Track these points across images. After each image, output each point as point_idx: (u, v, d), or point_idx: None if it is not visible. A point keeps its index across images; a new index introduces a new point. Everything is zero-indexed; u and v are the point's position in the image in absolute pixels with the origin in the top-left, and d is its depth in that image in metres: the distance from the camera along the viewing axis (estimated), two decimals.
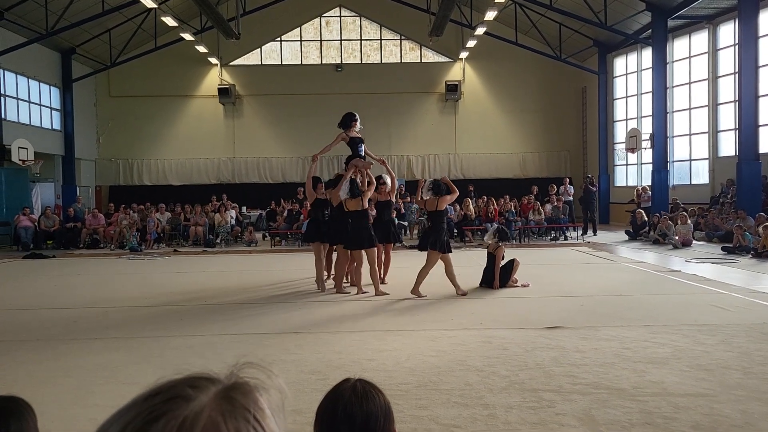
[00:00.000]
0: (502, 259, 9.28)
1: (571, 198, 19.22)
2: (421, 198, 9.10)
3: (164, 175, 25.59)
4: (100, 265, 13.69)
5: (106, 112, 25.50)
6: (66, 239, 17.80)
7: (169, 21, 19.26)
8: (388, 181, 9.94)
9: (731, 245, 13.60)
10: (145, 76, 24.85)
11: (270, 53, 25.91)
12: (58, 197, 22.21)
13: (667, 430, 3.82)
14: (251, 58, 25.76)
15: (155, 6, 18.10)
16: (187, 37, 21.51)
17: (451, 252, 8.70)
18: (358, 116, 9.92)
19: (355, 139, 9.67)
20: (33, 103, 21.26)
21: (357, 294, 9.01)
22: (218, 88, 25.00)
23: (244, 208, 21.66)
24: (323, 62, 25.86)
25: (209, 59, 24.65)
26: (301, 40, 25.94)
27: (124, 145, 25.33)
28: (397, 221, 17.48)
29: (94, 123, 25.41)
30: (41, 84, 21.65)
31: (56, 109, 22.66)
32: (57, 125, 22.63)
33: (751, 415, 4.03)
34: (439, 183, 9.05)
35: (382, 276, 9.67)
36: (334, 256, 9.78)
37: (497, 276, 9.16)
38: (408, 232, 18.62)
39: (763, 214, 14.29)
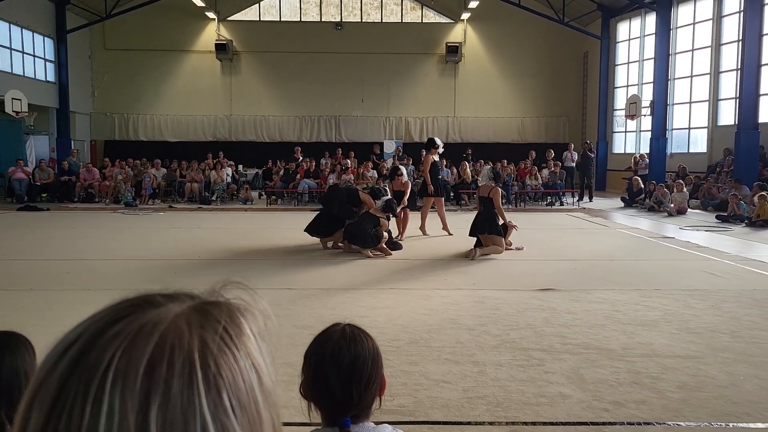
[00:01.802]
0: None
1: (573, 164, 19.17)
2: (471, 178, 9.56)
3: (160, 131, 25.36)
4: (95, 219, 13.66)
5: (101, 65, 25.12)
6: (60, 192, 17.73)
7: None
8: (405, 172, 10.91)
9: (726, 214, 13.64)
10: (141, 29, 24.41)
11: (268, 9, 25.44)
12: (53, 150, 22.04)
13: (654, 389, 3.87)
14: (249, 14, 25.30)
15: None
16: None
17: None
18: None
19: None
20: (26, 53, 20.91)
21: None
22: (215, 44, 24.60)
23: (240, 167, 21.56)
24: (323, 20, 25.43)
25: (206, 13, 24.22)
26: None
27: (120, 100, 25.04)
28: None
29: (88, 76, 25.06)
30: (35, 34, 21.26)
31: (50, 61, 22.31)
32: (51, 77, 22.32)
33: (737, 377, 4.09)
34: (499, 173, 9.34)
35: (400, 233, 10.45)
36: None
37: (503, 216, 8.94)
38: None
39: (759, 183, 14.30)
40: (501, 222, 8.95)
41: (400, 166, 11.07)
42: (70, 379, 0.47)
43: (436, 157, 11.05)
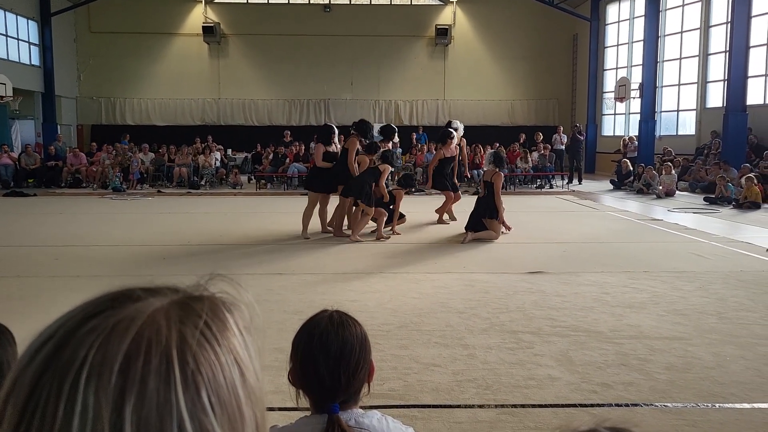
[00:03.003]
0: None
1: (563, 147, 19.19)
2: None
3: (147, 115, 25.12)
4: (82, 204, 13.56)
5: (86, 48, 24.77)
6: (47, 178, 17.56)
7: None
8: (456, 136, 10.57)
9: (714, 196, 13.73)
10: (127, 12, 24.07)
11: None
12: (39, 135, 21.80)
13: (642, 370, 3.91)
14: None
15: None
16: None
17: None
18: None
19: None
20: (10, 36, 20.59)
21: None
22: (203, 26, 24.30)
23: (229, 151, 21.43)
24: (311, 2, 25.17)
25: None
26: None
27: (106, 83, 24.73)
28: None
29: (74, 59, 24.71)
30: (18, 17, 20.92)
31: (34, 44, 21.98)
32: (36, 61, 22.00)
33: (723, 358, 4.14)
34: (501, 156, 9.31)
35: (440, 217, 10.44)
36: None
37: (500, 206, 8.85)
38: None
39: (747, 165, 14.39)
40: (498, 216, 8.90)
41: (451, 129, 10.41)
42: (44, 376, 0.46)
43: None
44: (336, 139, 9.38)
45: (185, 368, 0.47)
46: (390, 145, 10.21)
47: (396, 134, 10.58)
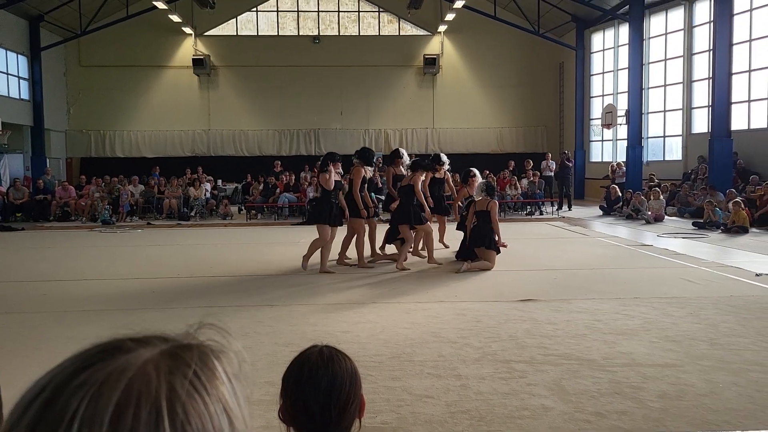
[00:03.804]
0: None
1: (552, 173, 19.33)
2: (467, 194, 9.65)
3: (137, 147, 25.15)
4: (71, 238, 13.48)
5: (76, 81, 24.88)
6: (35, 211, 17.46)
7: None
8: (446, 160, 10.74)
9: (702, 221, 13.83)
10: (117, 46, 24.24)
11: (246, 24, 25.44)
12: (27, 169, 21.74)
13: (635, 399, 3.89)
14: (226, 29, 25.27)
15: None
16: (160, 5, 20.97)
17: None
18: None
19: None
20: None
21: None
22: (193, 59, 24.50)
23: (219, 181, 21.44)
24: (300, 33, 25.48)
25: (183, 29, 24.12)
26: (277, 11, 25.50)
27: (96, 116, 24.79)
28: (374, 194, 17.50)
29: (64, 93, 24.79)
30: (8, 52, 21.01)
31: (24, 78, 22.04)
32: (25, 95, 22.04)
33: (716, 385, 4.13)
34: (492, 186, 9.36)
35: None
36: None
37: (498, 231, 8.84)
38: (382, 205, 18.62)
39: (733, 190, 14.53)
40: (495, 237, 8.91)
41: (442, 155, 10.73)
42: (36, 429, 0.46)
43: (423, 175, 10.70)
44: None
45: (175, 419, 0.47)
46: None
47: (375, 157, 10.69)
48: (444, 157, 10.93)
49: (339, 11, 25.61)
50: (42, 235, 14.27)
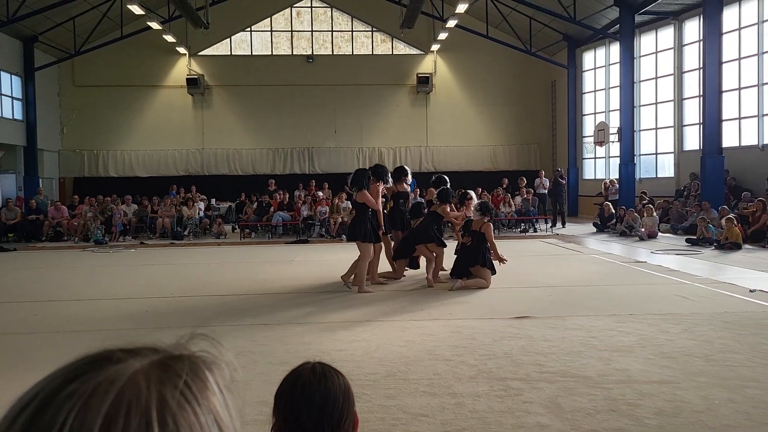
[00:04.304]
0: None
1: (546, 191, 19.40)
2: (465, 216, 9.56)
3: (131, 166, 25.14)
4: (63, 258, 13.40)
5: (70, 102, 24.91)
6: (28, 232, 17.37)
7: (136, 9, 18.85)
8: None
9: (695, 237, 13.88)
10: (111, 66, 24.33)
11: (240, 43, 25.59)
12: (20, 189, 21.67)
13: (632, 416, 3.87)
14: (220, 48, 25.41)
15: None
16: (155, 26, 21.08)
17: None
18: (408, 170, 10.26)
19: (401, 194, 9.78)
20: None
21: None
22: (187, 78, 24.59)
23: (213, 200, 21.42)
24: (294, 53, 25.64)
25: (177, 49, 24.23)
26: (271, 31, 25.67)
27: (89, 136, 24.79)
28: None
29: (57, 113, 24.80)
30: (2, 72, 21.04)
31: (17, 99, 22.04)
32: (18, 115, 22.03)
33: (712, 401, 4.11)
34: (488, 206, 9.34)
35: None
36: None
37: (496, 249, 8.79)
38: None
39: (725, 207, 14.60)
40: (492, 256, 8.86)
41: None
42: None
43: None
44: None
45: (165, 430, 0.47)
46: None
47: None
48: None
49: (332, 31, 25.80)
50: (34, 255, 14.19)
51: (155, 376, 0.50)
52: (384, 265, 9.51)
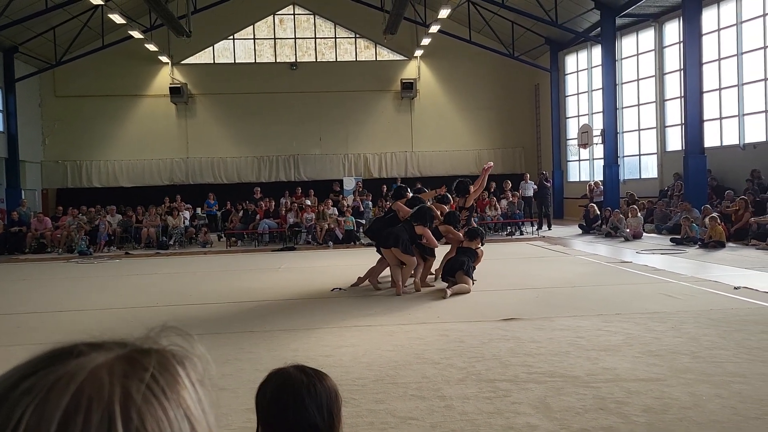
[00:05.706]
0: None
1: (531, 194, 19.48)
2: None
3: (115, 176, 24.94)
4: (47, 270, 13.24)
5: (51, 112, 24.68)
6: (10, 244, 17.16)
7: (117, 18, 18.76)
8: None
9: (679, 236, 13.99)
10: (93, 76, 24.14)
11: (223, 51, 25.52)
12: (2, 201, 21.40)
13: (620, 414, 3.87)
14: (203, 57, 25.32)
15: (102, 3, 17.60)
16: (136, 35, 20.97)
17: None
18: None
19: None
20: None
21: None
22: (170, 87, 24.46)
23: (198, 209, 21.27)
24: (277, 60, 25.61)
25: (159, 58, 24.11)
26: (254, 39, 25.63)
27: (72, 147, 24.57)
28: (354, 219, 17.46)
29: (39, 124, 24.56)
30: None
31: None
32: None
33: (699, 397, 4.12)
34: (478, 231, 9.48)
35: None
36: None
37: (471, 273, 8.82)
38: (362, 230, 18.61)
39: (708, 206, 14.74)
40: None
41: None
42: None
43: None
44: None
45: (129, 425, 0.45)
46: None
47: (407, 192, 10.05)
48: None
49: (316, 38, 25.81)
50: (17, 267, 14.01)
51: (119, 370, 0.48)
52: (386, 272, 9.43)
